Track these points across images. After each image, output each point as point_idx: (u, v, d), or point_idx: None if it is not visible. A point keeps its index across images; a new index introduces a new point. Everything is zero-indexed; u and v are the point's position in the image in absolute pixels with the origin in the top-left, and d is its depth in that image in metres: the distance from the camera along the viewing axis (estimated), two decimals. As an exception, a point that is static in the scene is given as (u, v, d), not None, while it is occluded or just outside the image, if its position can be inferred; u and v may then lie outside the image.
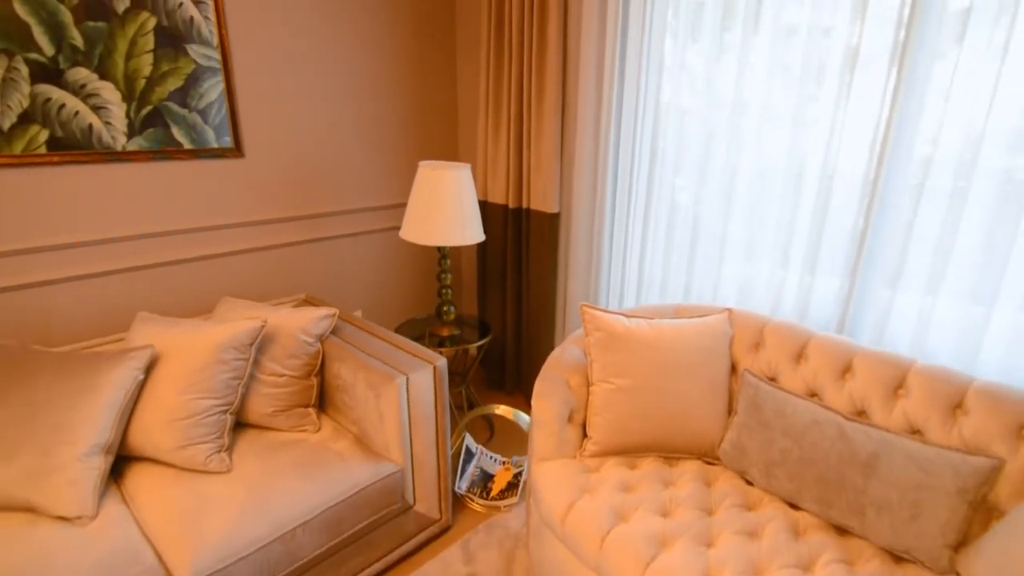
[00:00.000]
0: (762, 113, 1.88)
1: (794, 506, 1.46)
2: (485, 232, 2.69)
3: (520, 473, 2.20)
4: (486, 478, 2.20)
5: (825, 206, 1.79)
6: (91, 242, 1.93)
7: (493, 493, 2.14)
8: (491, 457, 2.27)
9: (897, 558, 1.30)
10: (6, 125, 1.76)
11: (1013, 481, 1.24)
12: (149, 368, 1.60)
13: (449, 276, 2.39)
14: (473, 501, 2.12)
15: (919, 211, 1.61)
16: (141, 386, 1.58)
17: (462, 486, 2.15)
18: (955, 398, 1.36)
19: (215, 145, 2.19)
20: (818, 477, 1.39)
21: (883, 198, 1.66)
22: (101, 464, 1.46)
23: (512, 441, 2.52)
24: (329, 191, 2.54)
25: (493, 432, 2.59)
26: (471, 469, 2.23)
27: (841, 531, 1.38)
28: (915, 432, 1.41)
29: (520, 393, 2.87)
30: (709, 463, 1.64)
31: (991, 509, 1.27)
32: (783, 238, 1.91)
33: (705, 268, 2.14)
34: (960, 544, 1.24)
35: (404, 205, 2.83)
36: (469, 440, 2.28)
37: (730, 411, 1.67)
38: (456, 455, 2.25)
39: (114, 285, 1.99)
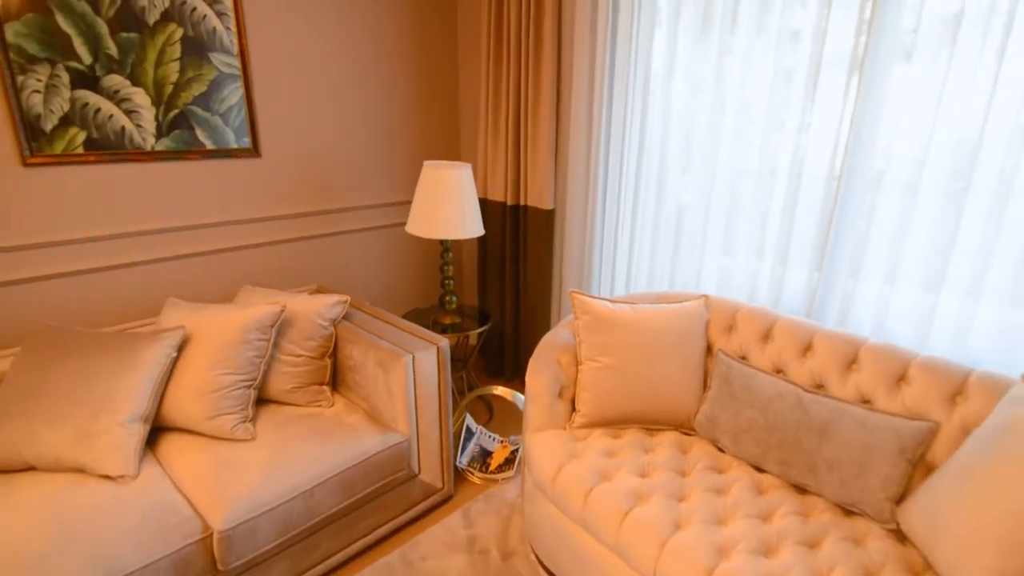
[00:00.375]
0: (738, 116, 2.05)
1: (759, 469, 1.63)
2: (485, 227, 2.86)
3: (516, 450, 2.37)
4: (485, 455, 2.38)
5: (794, 203, 1.97)
6: (123, 235, 2.11)
7: (491, 467, 2.31)
8: (490, 436, 2.45)
9: (846, 511, 1.47)
10: (48, 127, 1.94)
11: (947, 442, 1.41)
12: (181, 347, 1.78)
13: (451, 268, 2.56)
14: (473, 475, 2.29)
15: (876, 208, 1.78)
16: (174, 363, 1.76)
17: (463, 461, 2.33)
18: (899, 371, 1.53)
19: (235, 146, 2.37)
20: (779, 442, 1.56)
21: (845, 196, 1.83)
22: (140, 431, 1.63)
23: (509, 423, 2.69)
24: (339, 189, 2.72)
25: (492, 414, 2.76)
26: (471, 446, 2.40)
27: (799, 490, 1.55)
28: (865, 401, 1.58)
29: (518, 379, 3.04)
30: (685, 433, 1.81)
31: (928, 467, 1.44)
32: (758, 232, 2.09)
33: (688, 260, 2.32)
34: (901, 498, 1.41)
35: (408, 202, 3.01)
36: (469, 420, 2.46)
37: (705, 387, 1.84)
38: (457, 434, 2.42)
39: (144, 274, 2.17)
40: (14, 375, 1.63)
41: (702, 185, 2.21)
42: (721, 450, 1.72)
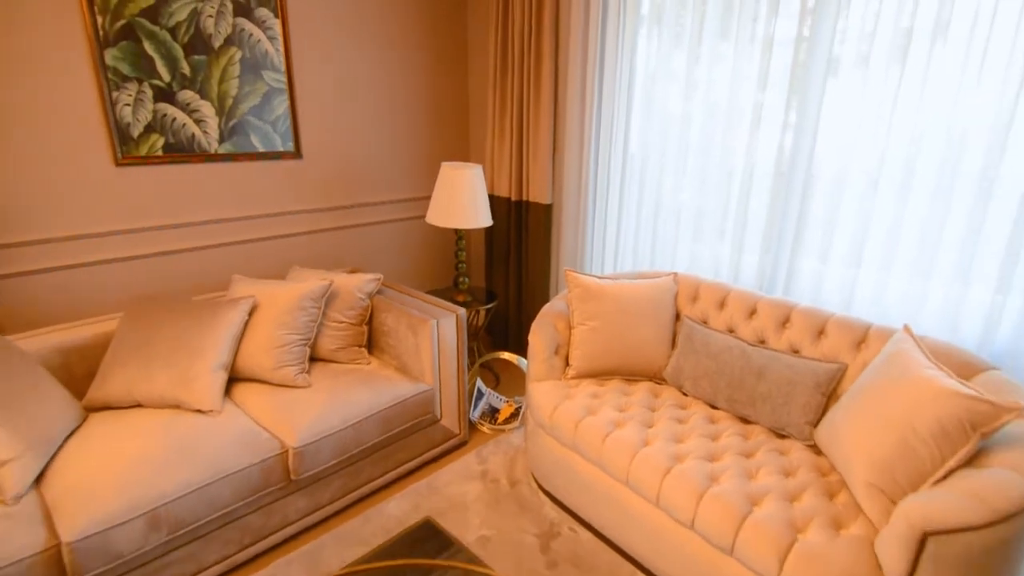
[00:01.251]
0: (704, 122, 2.48)
1: (713, 406, 2.06)
2: (492, 219, 3.29)
3: (519, 408, 2.80)
4: (493, 411, 2.80)
5: (747, 197, 2.39)
6: (193, 223, 2.53)
7: (499, 421, 2.74)
8: (497, 396, 2.88)
9: (777, 434, 1.90)
10: (136, 134, 2.36)
11: (852, 378, 1.84)
12: (252, 312, 2.20)
13: (464, 254, 2.99)
14: (483, 426, 2.72)
15: (812, 200, 2.21)
16: (246, 324, 2.18)
17: (475, 415, 2.76)
18: (820, 327, 1.96)
19: (281, 149, 2.79)
20: (727, 383, 1.99)
21: (788, 191, 2.26)
22: (223, 376, 2.06)
23: (513, 387, 3.12)
24: (366, 186, 3.14)
25: (499, 381, 3.19)
26: (481, 404, 2.83)
27: (743, 420, 1.98)
28: (794, 351, 2.01)
29: (521, 352, 3.46)
30: (657, 382, 2.24)
31: (838, 397, 1.87)
32: (719, 221, 2.51)
33: (664, 245, 2.75)
34: (817, 422, 1.84)
35: (424, 198, 3.43)
36: (480, 383, 2.89)
37: (673, 345, 2.27)
38: (470, 393, 2.85)
39: (210, 256, 2.60)
40: (122, 334, 2.05)
41: (676, 182, 2.63)
42: (684, 393, 2.15)
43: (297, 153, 2.85)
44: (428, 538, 1.99)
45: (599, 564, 1.92)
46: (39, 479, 1.64)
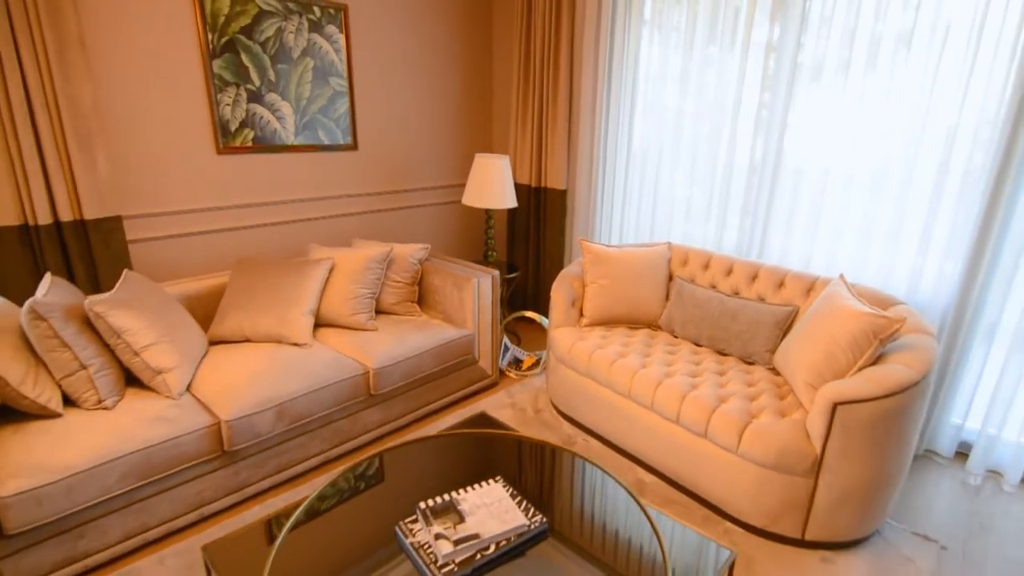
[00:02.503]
0: (694, 121, 3.03)
1: (698, 345, 2.61)
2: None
3: (540, 358, 3.36)
4: (518, 362, 3.36)
5: (727, 184, 2.94)
6: (275, 202, 3.09)
7: (523, 369, 3.30)
8: (520, 351, 3.43)
9: (746, 362, 2.45)
10: (232, 128, 2.92)
11: (802, 316, 2.39)
12: (331, 271, 2.76)
13: (492, 231, 3.54)
14: (510, 373, 3.27)
15: (778, 187, 2.76)
16: (326, 280, 2.74)
17: (503, 364, 3.31)
18: (780, 280, 2.51)
19: (341, 142, 3.35)
20: (709, 325, 2.54)
21: (760, 179, 2.81)
22: (312, 320, 2.61)
23: (533, 346, 3.67)
24: (409, 174, 3.70)
25: (520, 340, 3.75)
26: (508, 356, 3.39)
27: (720, 353, 2.53)
28: (761, 299, 2.56)
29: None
30: (654, 329, 2.79)
31: (790, 331, 2.41)
32: (706, 204, 3.06)
33: (662, 222, 3.30)
34: (775, 350, 2.39)
35: (455, 185, 3.99)
36: (506, 340, 3.44)
37: (667, 298, 2.82)
38: (497, 347, 3.40)
39: (289, 228, 3.16)
40: (232, 285, 2.61)
41: (671, 171, 3.19)
42: (675, 336, 2.70)
43: (354, 146, 3.40)
44: (487, 424, 2.54)
45: (606, 462, 2.47)
46: (188, 386, 2.20)
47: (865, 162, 2.50)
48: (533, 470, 1.77)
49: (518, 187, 3.82)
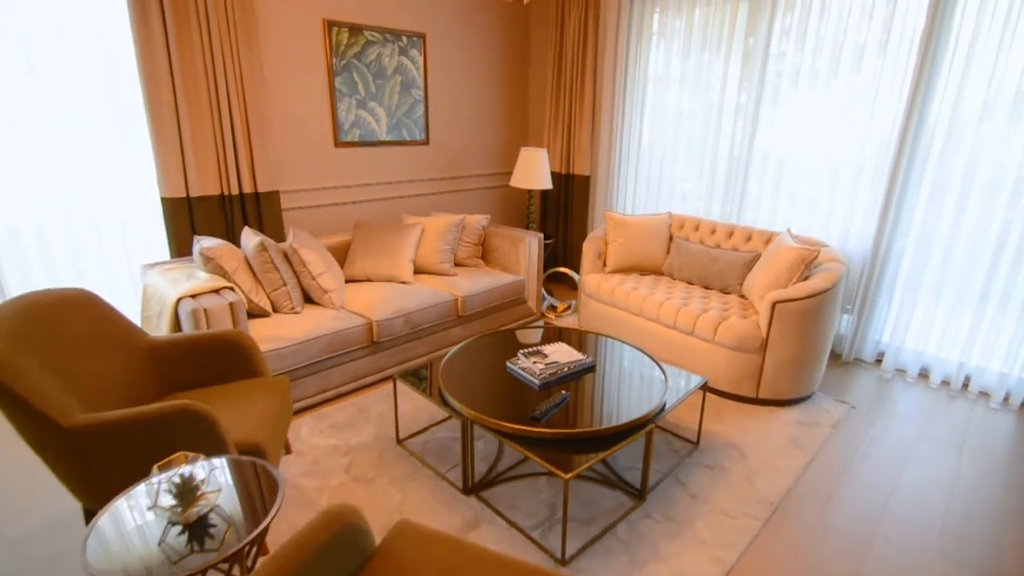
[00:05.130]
0: (690, 117, 4.04)
1: (689, 283, 3.62)
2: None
3: (570, 305, 4.37)
4: (553, 307, 4.38)
5: (714, 168, 3.96)
6: (374, 183, 4.12)
7: (558, 312, 4.32)
8: (555, 300, 4.45)
9: (723, 291, 3.46)
10: (345, 128, 3.94)
11: (761, 258, 3.40)
12: (422, 232, 3.78)
13: (533, 207, 4.56)
14: (549, 315, 4.29)
15: (751, 174, 3.77)
16: (419, 238, 3.76)
17: (543, 308, 4.33)
18: (748, 235, 3.52)
19: (418, 139, 4.37)
20: (698, 268, 3.55)
21: (738, 168, 3.82)
22: (412, 265, 3.63)
23: (564, 298, 4.68)
24: (465, 164, 4.72)
25: (553, 294, 4.77)
26: (546, 303, 4.40)
27: (705, 287, 3.54)
28: (735, 249, 3.57)
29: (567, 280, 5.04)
30: (658, 275, 3.81)
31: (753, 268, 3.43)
32: (697, 183, 4.08)
33: (668, 200, 4.31)
34: (743, 283, 3.40)
35: (499, 173, 5.01)
36: (543, 292, 4.46)
37: (667, 252, 3.84)
38: (539, 293, 4.42)
39: (385, 203, 4.19)
40: (355, 241, 3.64)
41: (676, 160, 4.20)
42: (673, 278, 3.72)
43: (427, 141, 4.43)
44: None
45: (625, 365, 3.48)
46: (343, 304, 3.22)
47: (812, 154, 3.51)
48: (578, 343, 2.78)
49: (551, 174, 4.84)
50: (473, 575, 1.29)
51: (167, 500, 1.32)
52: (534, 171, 4.30)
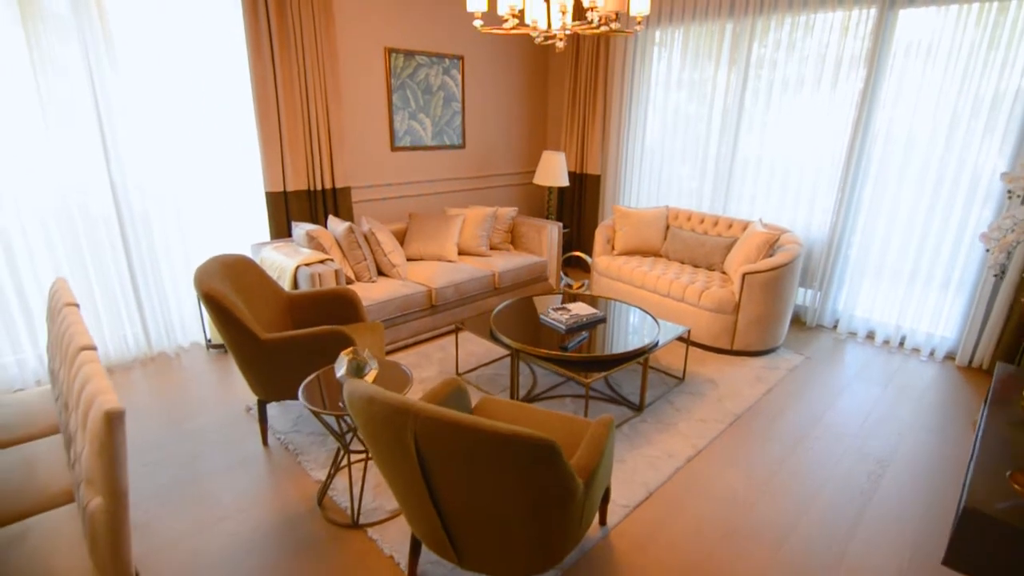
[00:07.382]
0: (686, 122, 4.86)
1: (682, 263, 4.45)
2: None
3: (584, 284, 5.21)
4: (570, 285, 5.22)
5: (704, 167, 4.78)
6: (422, 181, 4.97)
7: (574, 288, 5.16)
8: (571, 280, 5.29)
9: (709, 269, 4.29)
10: (400, 134, 4.79)
11: (738, 242, 4.22)
12: (463, 221, 4.63)
13: (552, 201, 5.39)
14: (566, 291, 5.13)
15: (735, 169, 4.59)
16: (461, 226, 4.61)
17: (562, 286, 5.17)
18: (729, 223, 4.35)
19: (457, 144, 5.22)
20: (689, 251, 4.38)
21: (724, 165, 4.64)
22: (456, 248, 4.48)
23: (578, 279, 5.52)
24: (494, 165, 5.57)
25: (569, 275, 5.61)
26: (563, 283, 5.25)
27: (694, 265, 4.37)
28: (719, 235, 4.39)
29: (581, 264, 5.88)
30: (657, 257, 4.65)
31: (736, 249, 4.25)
32: (687, 182, 4.90)
33: (666, 195, 5.14)
34: (724, 262, 4.22)
35: (522, 173, 5.85)
36: (561, 273, 5.30)
37: (665, 238, 4.67)
38: (558, 273, 5.26)
39: (431, 198, 5.05)
40: (411, 228, 4.49)
41: (672, 158, 5.02)
42: (669, 259, 4.55)
43: (463, 146, 5.27)
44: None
45: (629, 328, 4.32)
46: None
47: (782, 156, 4.33)
48: (592, 304, 3.62)
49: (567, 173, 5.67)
50: (532, 418, 2.14)
51: (347, 369, 2.17)
52: (554, 171, 5.14)
